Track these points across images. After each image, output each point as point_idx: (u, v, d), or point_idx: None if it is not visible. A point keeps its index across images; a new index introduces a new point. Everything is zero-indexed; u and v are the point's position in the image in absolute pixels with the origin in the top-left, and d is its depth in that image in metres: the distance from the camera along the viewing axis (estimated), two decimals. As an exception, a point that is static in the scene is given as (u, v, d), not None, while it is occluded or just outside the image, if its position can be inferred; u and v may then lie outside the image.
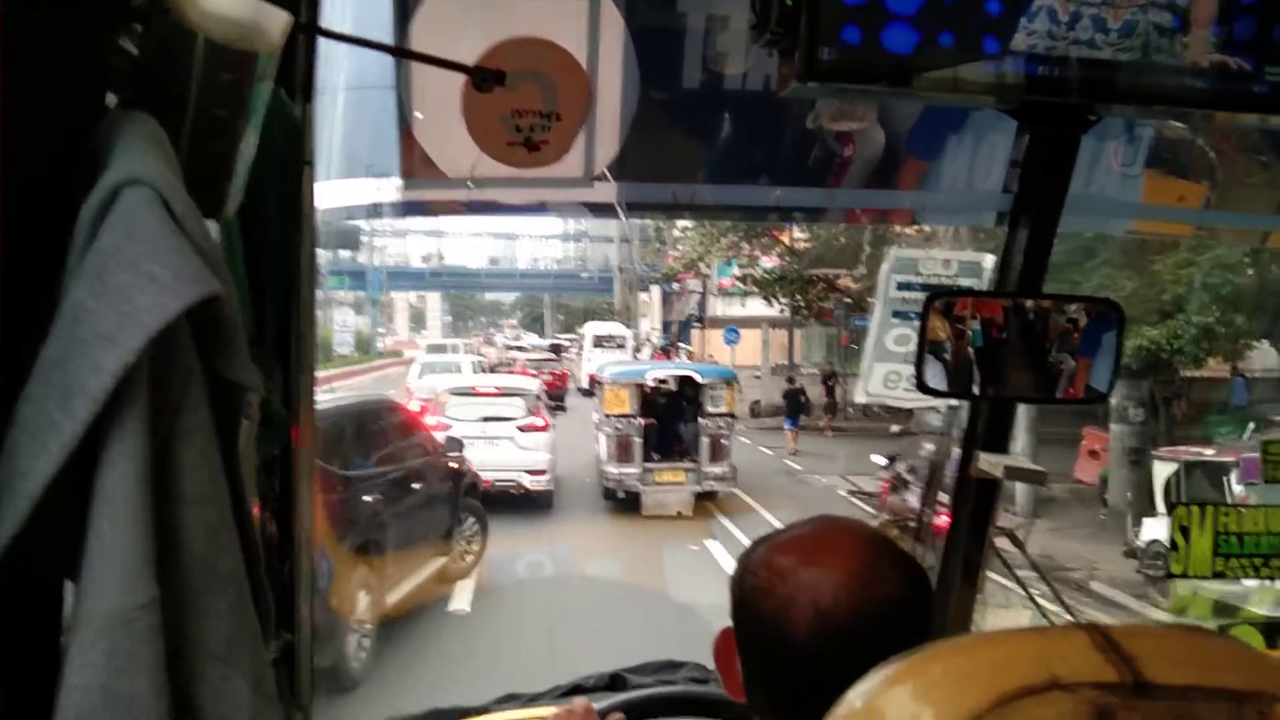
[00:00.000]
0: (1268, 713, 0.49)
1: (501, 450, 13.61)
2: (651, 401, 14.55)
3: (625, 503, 13.96)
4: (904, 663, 0.58)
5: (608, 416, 14.25)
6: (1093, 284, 12.82)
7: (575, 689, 1.99)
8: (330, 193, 1.79)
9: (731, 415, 14.63)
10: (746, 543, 1.10)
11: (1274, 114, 1.62)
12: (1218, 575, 2.18)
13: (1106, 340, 1.74)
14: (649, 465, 13.87)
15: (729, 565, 1.20)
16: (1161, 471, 10.64)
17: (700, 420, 14.20)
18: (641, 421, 14.03)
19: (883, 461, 12.21)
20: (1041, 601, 2.14)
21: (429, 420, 13.63)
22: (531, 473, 13.62)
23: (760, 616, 0.98)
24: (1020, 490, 13.37)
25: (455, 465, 10.63)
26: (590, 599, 9.92)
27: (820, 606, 0.95)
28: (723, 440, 14.14)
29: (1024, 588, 2.09)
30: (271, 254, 1.12)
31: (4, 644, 0.74)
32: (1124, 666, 0.52)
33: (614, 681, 2.01)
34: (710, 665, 1.90)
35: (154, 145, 0.72)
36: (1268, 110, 1.59)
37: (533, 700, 2.00)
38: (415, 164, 1.77)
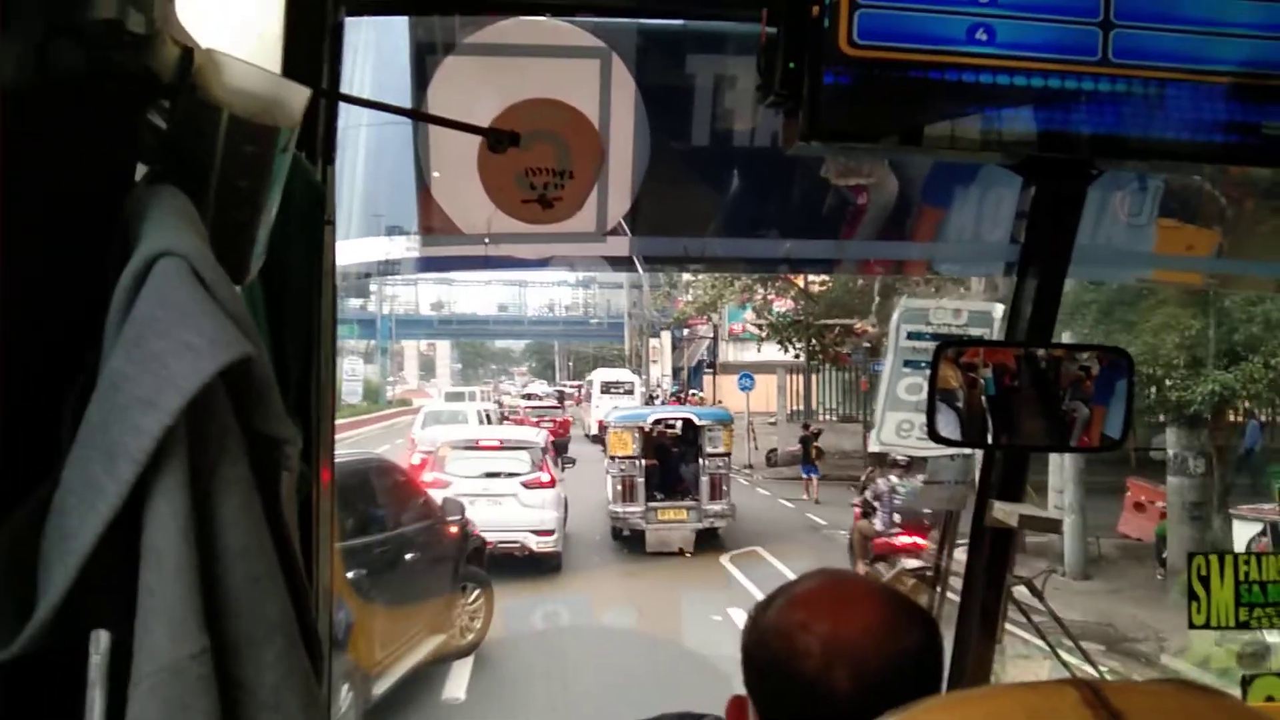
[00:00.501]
0: None
1: (505, 509, 12.61)
2: (654, 444, 15.12)
3: (641, 561, 13.37)
4: (898, 716, 0.59)
5: (613, 459, 14.79)
6: (1155, 323, 12.06)
7: None
8: (350, 249, 1.85)
9: (728, 455, 15.16)
10: None
11: (1275, 166, 1.64)
12: (1241, 625, 2.15)
13: (1118, 388, 1.75)
14: (652, 504, 14.30)
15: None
16: (1244, 532, 9.69)
17: (700, 460, 14.69)
18: (644, 463, 14.54)
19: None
20: (1065, 655, 2.12)
21: (428, 476, 12.86)
22: (537, 533, 12.61)
23: (799, 677, 0.98)
24: (1069, 549, 12.83)
25: (456, 530, 9.49)
26: (603, 682, 8.22)
27: (860, 662, 0.96)
28: (721, 479, 14.64)
29: (1043, 637, 2.07)
30: (293, 310, 1.16)
31: (47, 695, 0.76)
32: None
33: None
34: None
35: (184, 218, 0.76)
36: (1272, 164, 1.61)
37: None
38: (433, 221, 1.82)
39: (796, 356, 27.17)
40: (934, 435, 1.76)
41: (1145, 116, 1.52)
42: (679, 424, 15.65)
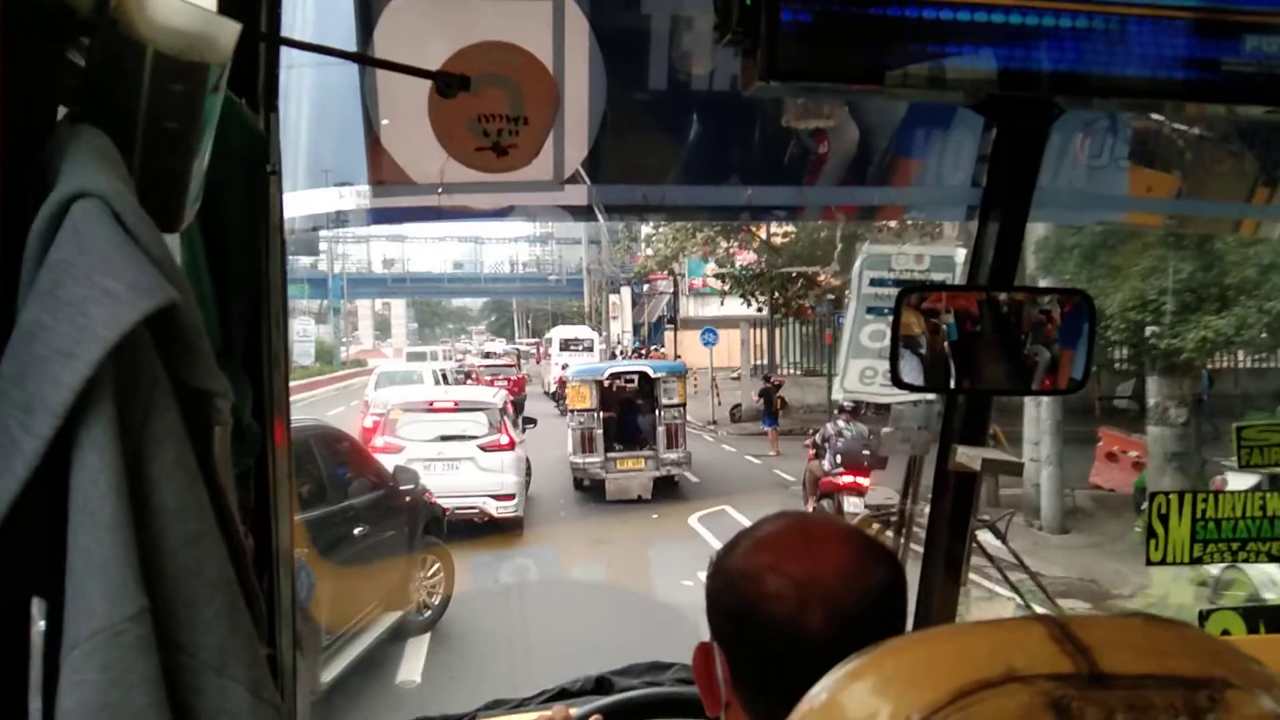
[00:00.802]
0: (1219, 698, 0.49)
1: (461, 474, 12.25)
2: (611, 397, 15.77)
3: (607, 522, 13.24)
4: (864, 658, 0.58)
5: (572, 412, 15.45)
6: (1142, 266, 11.60)
7: (561, 693, 1.98)
8: (298, 202, 1.79)
9: (683, 405, 15.83)
10: None
11: (1240, 104, 1.64)
12: (1195, 561, 2.19)
13: (1081, 330, 1.75)
14: (611, 454, 15.00)
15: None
16: (1240, 484, 9.38)
17: (656, 412, 15.45)
18: (602, 415, 15.20)
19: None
20: (1026, 596, 2.15)
21: (379, 441, 12.37)
22: (497, 498, 12.24)
23: (772, 621, 0.97)
24: (1046, 502, 12.62)
25: (410, 499, 8.91)
26: (568, 653, 7.34)
27: (833, 602, 0.96)
28: (677, 429, 15.40)
29: (1009, 582, 2.10)
30: (237, 264, 1.11)
31: None
32: (1079, 657, 0.52)
33: (600, 684, 2.00)
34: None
35: (103, 158, 0.71)
36: (1233, 101, 1.61)
37: (518, 706, 1.99)
38: (383, 171, 1.76)
39: (759, 310, 26.91)
40: (897, 381, 1.75)
41: (1107, 53, 1.50)
42: (635, 377, 16.25)
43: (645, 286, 40.53)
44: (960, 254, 2.75)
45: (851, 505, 11.75)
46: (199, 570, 0.73)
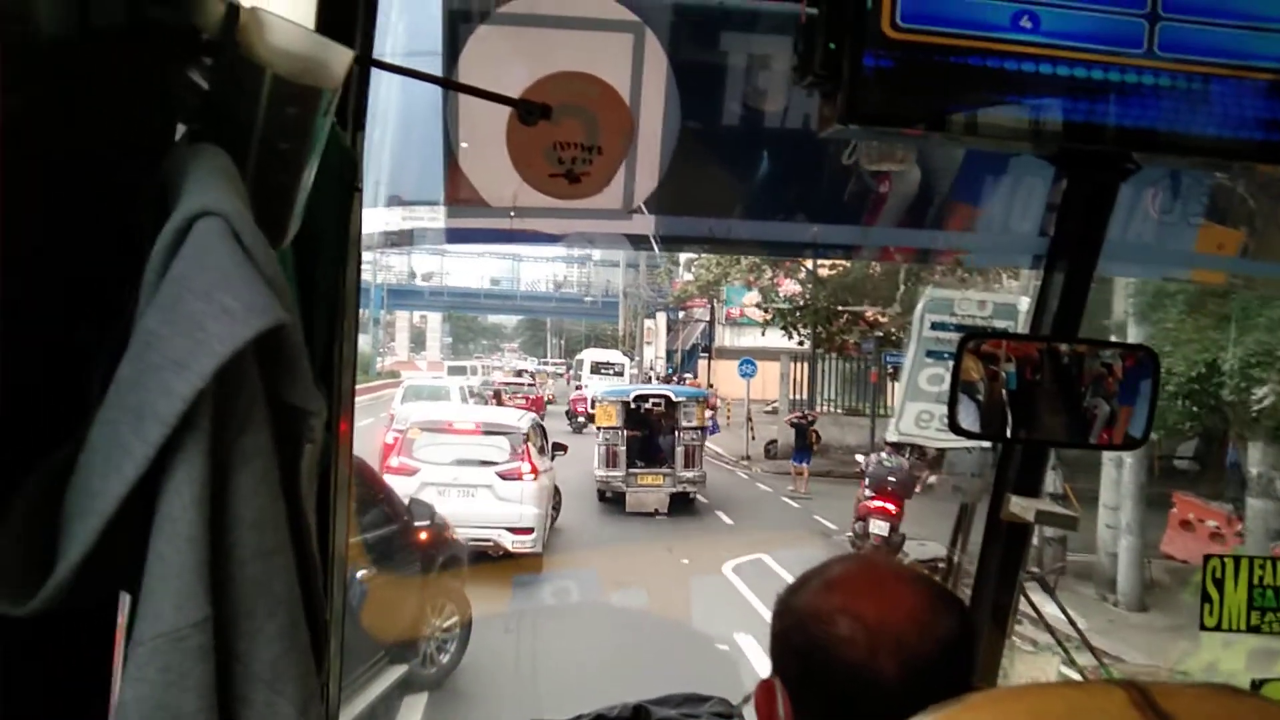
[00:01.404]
0: None
1: (477, 502, 11.32)
2: (636, 417, 16.59)
3: (632, 564, 12.25)
4: (941, 713, 0.58)
5: (599, 429, 16.34)
6: (1270, 317, 10.48)
7: (598, 718, 1.98)
8: (377, 218, 1.83)
9: (702, 429, 17.00)
10: None
11: (1316, 166, 1.62)
12: (1252, 629, 2.14)
13: (1143, 387, 1.73)
14: (632, 470, 15.86)
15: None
16: None
17: (676, 433, 16.33)
18: (626, 433, 16.05)
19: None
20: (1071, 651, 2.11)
21: (394, 461, 11.52)
22: (514, 530, 11.23)
23: (841, 664, 0.97)
24: (1125, 575, 11.39)
25: (425, 536, 7.92)
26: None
27: (905, 648, 0.96)
28: (694, 449, 16.37)
29: (1054, 634, 2.07)
30: (322, 278, 1.14)
31: (65, 652, 0.76)
32: None
33: (637, 713, 2.00)
34: (734, 699, 1.89)
35: (225, 178, 0.74)
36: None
37: None
38: (459, 192, 1.80)
39: (800, 343, 26.21)
40: (954, 427, 1.74)
41: (1186, 111, 1.50)
42: (659, 400, 17.15)
43: (681, 314, 40.09)
44: (1024, 302, 2.73)
45: (877, 528, 11.96)
46: (267, 584, 0.74)
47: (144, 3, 0.77)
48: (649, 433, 16.69)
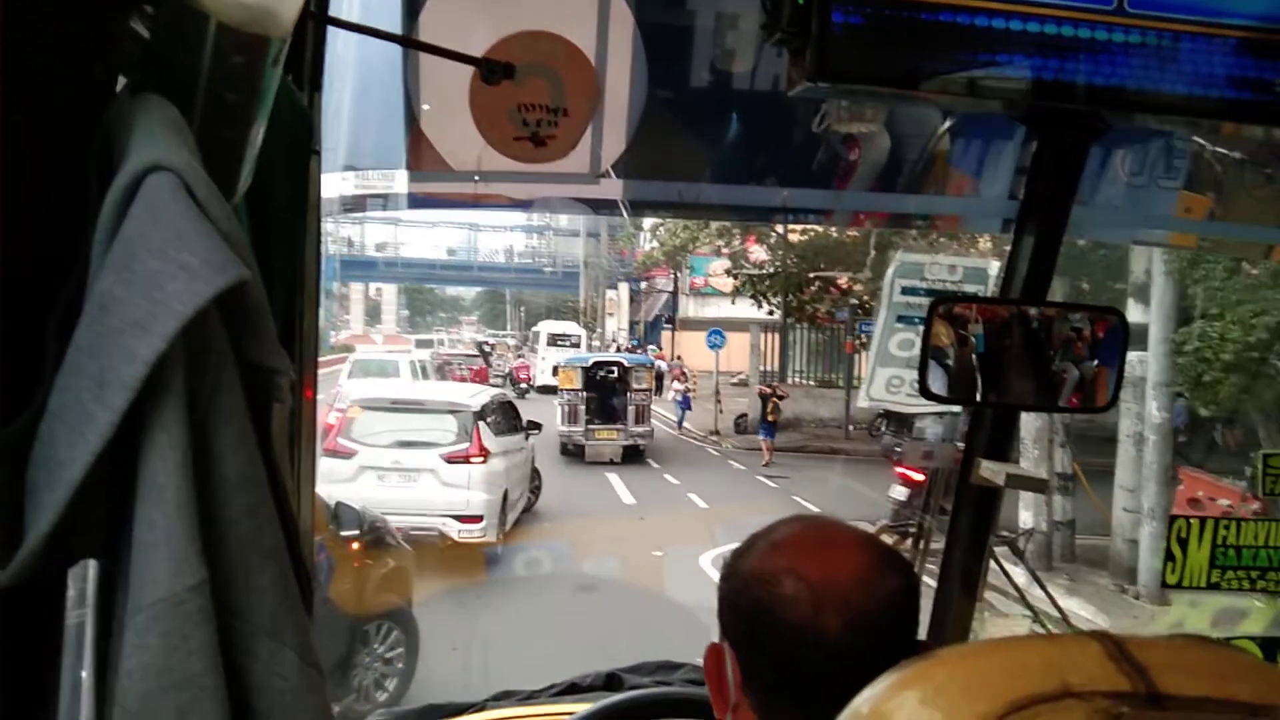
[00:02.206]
0: None
1: (419, 488, 10.46)
2: (593, 381, 19.38)
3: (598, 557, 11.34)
4: (911, 668, 0.57)
5: (561, 391, 19.15)
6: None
7: (571, 687, 1.98)
8: (336, 182, 1.79)
9: (650, 389, 20.16)
10: None
11: (1284, 126, 1.62)
12: (1213, 587, 2.17)
13: (1111, 349, 1.74)
14: (591, 426, 18.71)
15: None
16: None
17: (628, 394, 19.30)
18: (585, 395, 18.86)
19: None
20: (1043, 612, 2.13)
21: (332, 443, 10.40)
22: (461, 519, 10.32)
23: (786, 624, 0.97)
24: (1146, 564, 10.26)
25: (358, 546, 6.70)
26: None
27: (850, 606, 0.96)
28: (643, 408, 19.44)
29: (1024, 599, 2.08)
30: (279, 241, 1.11)
31: (25, 627, 0.74)
32: (1137, 676, 0.51)
33: (610, 681, 2.00)
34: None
35: (174, 130, 0.72)
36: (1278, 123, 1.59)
37: (528, 698, 1.99)
38: (422, 156, 1.76)
39: (771, 313, 25.64)
40: (924, 391, 1.74)
41: (1157, 69, 1.49)
42: (614, 367, 20.26)
43: (643, 284, 39.69)
44: (993, 266, 2.74)
45: (895, 493, 11.73)
46: (256, 539, 0.74)
47: None
48: (605, 394, 19.40)
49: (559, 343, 32.26)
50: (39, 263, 0.75)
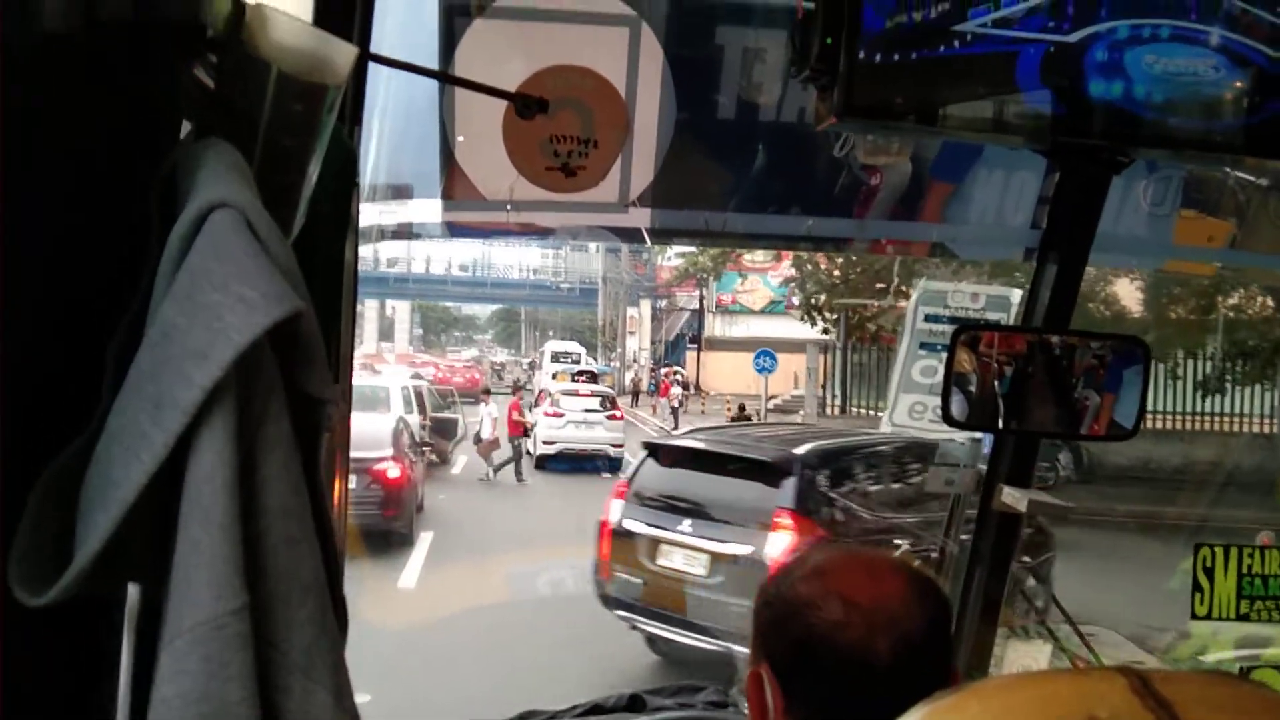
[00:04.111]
0: None
1: None
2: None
3: None
4: (945, 701, 0.58)
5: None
6: None
7: (595, 708, 2.00)
8: (373, 212, 1.83)
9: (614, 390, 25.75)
10: None
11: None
12: (1242, 618, 2.16)
13: (1132, 378, 1.75)
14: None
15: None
16: None
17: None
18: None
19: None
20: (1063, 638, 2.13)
21: None
22: None
23: (837, 648, 0.99)
24: None
25: None
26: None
27: (898, 628, 0.98)
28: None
29: (1045, 624, 2.09)
30: (322, 273, 1.15)
31: (72, 643, 0.76)
32: (1162, 712, 0.52)
33: (633, 702, 2.01)
34: (729, 690, 1.91)
35: (238, 172, 0.75)
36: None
37: (552, 718, 2.01)
38: (455, 186, 1.81)
39: (826, 330, 22.98)
40: (947, 418, 1.76)
41: (1176, 105, 1.51)
42: (587, 373, 27.22)
43: (663, 302, 38.99)
44: (1016, 294, 2.75)
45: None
46: (296, 571, 0.74)
47: None
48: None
49: (561, 359, 35.47)
50: (101, 292, 0.79)
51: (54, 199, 0.75)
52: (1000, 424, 1.77)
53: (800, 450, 7.71)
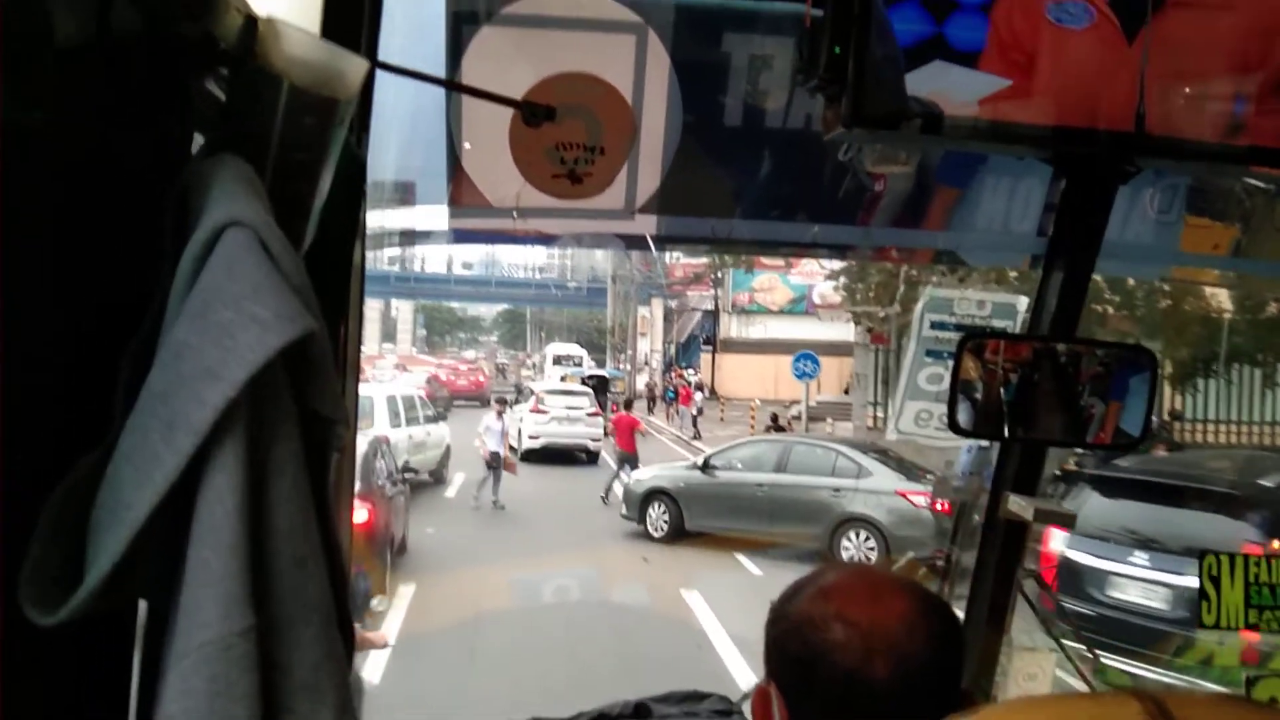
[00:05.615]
0: None
1: None
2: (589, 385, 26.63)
3: None
4: None
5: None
6: None
7: (600, 716, 1.99)
8: (380, 219, 1.83)
9: (622, 392, 27.55)
10: None
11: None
12: (1250, 628, 2.15)
13: (1138, 386, 1.75)
14: None
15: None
16: None
17: (608, 394, 27.58)
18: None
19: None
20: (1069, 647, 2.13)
21: None
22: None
23: (836, 669, 0.99)
24: None
25: None
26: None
27: (897, 649, 0.98)
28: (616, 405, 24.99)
29: (1051, 634, 2.08)
30: (331, 282, 1.15)
31: (82, 661, 0.76)
32: None
33: (639, 710, 2.01)
34: (733, 698, 1.90)
35: (250, 188, 0.75)
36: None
37: None
38: (462, 193, 1.81)
39: (870, 329, 21.82)
40: (954, 426, 1.76)
41: (1184, 115, 1.51)
42: (597, 377, 29.78)
43: (674, 302, 38.44)
44: (1022, 302, 2.75)
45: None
46: (302, 592, 0.74)
47: (162, 13, 0.77)
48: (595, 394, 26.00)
49: (563, 362, 36.86)
50: (111, 309, 0.78)
51: (64, 215, 0.75)
52: (1006, 432, 1.77)
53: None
